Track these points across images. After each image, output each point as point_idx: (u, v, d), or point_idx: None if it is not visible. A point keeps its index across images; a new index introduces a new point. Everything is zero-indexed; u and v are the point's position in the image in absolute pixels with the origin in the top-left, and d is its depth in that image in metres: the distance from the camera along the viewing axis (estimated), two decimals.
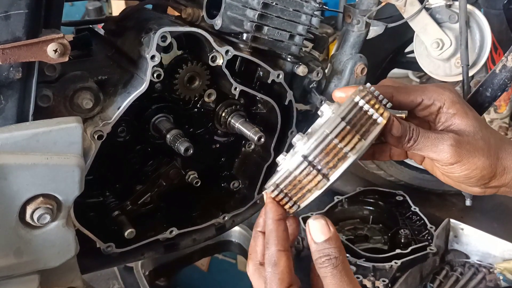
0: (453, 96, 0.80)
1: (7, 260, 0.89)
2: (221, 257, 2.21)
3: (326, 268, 0.64)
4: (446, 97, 0.79)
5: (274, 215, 0.71)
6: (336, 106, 0.72)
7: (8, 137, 0.82)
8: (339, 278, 0.64)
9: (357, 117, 0.69)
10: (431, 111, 0.81)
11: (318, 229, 0.65)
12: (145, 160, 1.22)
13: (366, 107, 0.70)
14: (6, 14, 0.76)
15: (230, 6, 1.07)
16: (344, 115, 0.68)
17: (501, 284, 1.78)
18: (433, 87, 0.81)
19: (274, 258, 0.69)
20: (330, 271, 0.64)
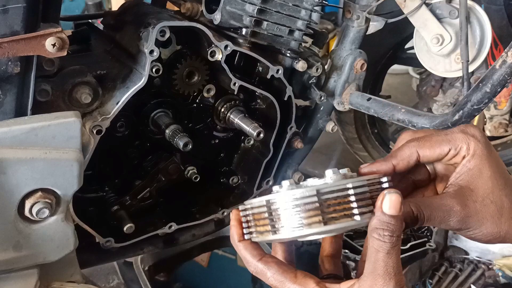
0: (476, 147, 0.72)
1: (7, 254, 0.89)
2: (220, 252, 2.22)
3: (384, 243, 0.62)
4: (471, 147, 0.72)
5: (235, 237, 0.72)
6: (336, 177, 0.68)
7: (6, 131, 0.82)
8: (392, 259, 0.62)
9: (335, 202, 0.64)
10: (456, 160, 0.74)
11: (392, 203, 0.62)
12: (144, 155, 1.22)
13: (352, 198, 0.64)
14: (4, 8, 0.76)
15: (229, 0, 1.07)
16: (322, 191, 0.64)
17: (500, 280, 1.78)
18: (460, 135, 0.73)
19: (257, 270, 0.71)
20: (387, 248, 0.62)
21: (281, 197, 0.65)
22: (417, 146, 0.74)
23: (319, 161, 2.76)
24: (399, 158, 0.74)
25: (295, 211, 0.63)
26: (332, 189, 0.64)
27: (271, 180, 1.37)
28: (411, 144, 0.75)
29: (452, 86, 2.23)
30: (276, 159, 1.33)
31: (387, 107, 1.24)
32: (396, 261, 0.62)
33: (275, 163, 1.34)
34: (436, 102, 2.27)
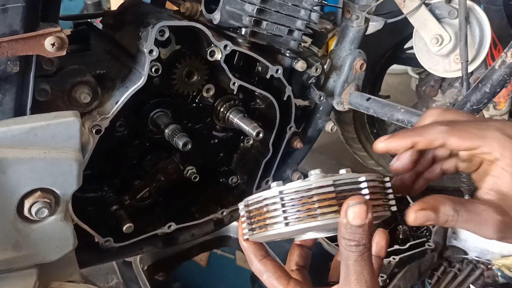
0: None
1: (6, 254, 0.89)
2: (220, 252, 2.22)
3: (351, 252, 0.62)
4: (507, 152, 0.66)
5: (240, 236, 0.72)
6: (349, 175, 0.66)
7: (5, 131, 0.82)
8: (361, 266, 0.62)
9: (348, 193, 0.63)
10: (481, 159, 0.70)
11: (356, 214, 0.60)
12: (143, 154, 1.22)
13: (365, 191, 0.64)
14: (4, 7, 0.76)
15: (228, 0, 1.07)
16: (337, 182, 0.63)
17: (499, 280, 1.79)
18: (496, 134, 0.67)
19: (256, 270, 0.72)
20: (354, 257, 0.62)
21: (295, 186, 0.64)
22: (446, 131, 0.68)
23: (319, 161, 2.76)
24: (421, 137, 0.69)
25: (311, 201, 0.63)
26: (345, 181, 0.64)
27: (271, 179, 1.37)
28: (440, 127, 0.68)
29: (451, 86, 2.23)
30: (275, 159, 1.33)
31: (386, 107, 1.24)
32: (367, 267, 0.62)
33: (274, 163, 1.34)
34: (436, 102, 2.27)
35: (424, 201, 0.65)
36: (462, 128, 0.68)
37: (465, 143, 0.67)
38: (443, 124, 0.69)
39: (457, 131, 0.67)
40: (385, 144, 0.70)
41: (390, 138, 0.70)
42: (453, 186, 2.30)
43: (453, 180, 2.24)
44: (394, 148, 0.70)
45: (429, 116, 0.74)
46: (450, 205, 0.64)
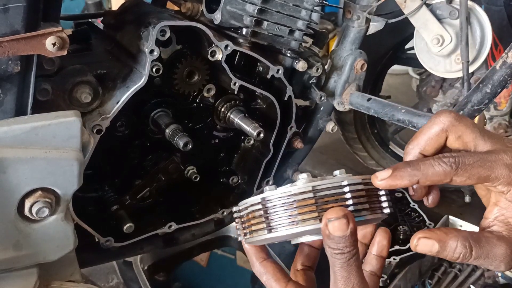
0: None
1: (6, 253, 0.89)
2: (220, 252, 2.22)
3: (337, 260, 0.62)
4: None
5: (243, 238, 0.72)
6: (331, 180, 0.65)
7: (6, 130, 0.82)
8: (348, 271, 0.62)
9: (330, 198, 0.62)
10: (486, 186, 0.68)
11: (335, 227, 0.60)
12: (144, 154, 1.22)
13: (348, 195, 0.63)
14: (5, 7, 0.76)
15: (229, 0, 1.07)
16: (318, 188, 0.62)
17: (499, 281, 1.78)
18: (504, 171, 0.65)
19: (256, 271, 0.74)
20: (340, 263, 0.62)
21: (278, 193, 0.64)
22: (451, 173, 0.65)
23: (319, 161, 2.76)
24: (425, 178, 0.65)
25: (292, 207, 0.63)
26: (326, 186, 0.63)
27: (271, 180, 1.37)
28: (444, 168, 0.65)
29: (452, 87, 2.23)
30: (276, 159, 1.33)
31: (387, 108, 1.24)
32: (355, 272, 0.62)
33: (275, 163, 1.34)
34: (436, 103, 2.27)
35: (431, 231, 0.63)
36: (469, 170, 0.65)
37: (471, 182, 0.66)
38: (448, 164, 0.65)
39: (464, 173, 0.65)
40: (387, 183, 0.67)
41: (391, 177, 0.66)
42: (453, 186, 2.30)
43: None
44: (396, 186, 0.67)
45: (438, 124, 0.69)
46: (462, 241, 0.62)
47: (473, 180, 0.65)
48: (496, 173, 0.65)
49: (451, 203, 2.26)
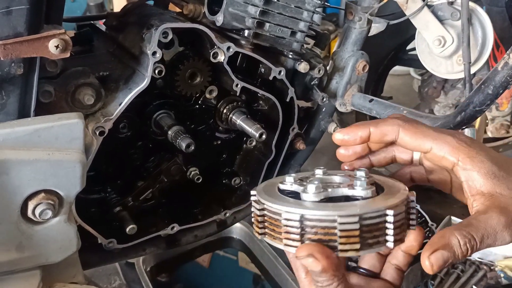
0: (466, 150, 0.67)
1: (9, 255, 0.89)
2: (222, 253, 2.22)
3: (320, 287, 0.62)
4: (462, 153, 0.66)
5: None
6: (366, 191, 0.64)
7: (10, 132, 0.82)
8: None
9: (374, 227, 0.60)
10: (442, 165, 0.70)
11: (312, 265, 0.60)
12: (146, 156, 1.22)
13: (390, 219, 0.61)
14: (8, 9, 0.76)
15: (231, 2, 1.07)
16: (365, 216, 0.60)
17: (502, 281, 1.78)
18: (448, 138, 0.68)
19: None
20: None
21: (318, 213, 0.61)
22: (401, 125, 0.70)
23: (321, 162, 2.76)
24: (375, 128, 0.71)
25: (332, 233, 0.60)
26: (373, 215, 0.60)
27: None
28: (397, 121, 0.71)
29: (453, 88, 2.23)
30: (278, 160, 1.33)
31: (389, 109, 1.24)
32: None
33: (277, 164, 1.34)
34: (438, 104, 2.28)
35: (431, 243, 0.63)
36: (417, 127, 0.70)
37: (416, 141, 0.69)
38: (401, 120, 0.71)
39: (411, 128, 0.69)
40: (342, 134, 0.73)
41: (346, 129, 0.73)
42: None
43: None
44: (349, 139, 0.73)
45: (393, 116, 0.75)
46: (459, 234, 0.62)
47: (417, 140, 0.68)
48: (441, 138, 0.68)
49: (453, 204, 2.25)
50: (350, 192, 0.66)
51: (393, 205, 0.62)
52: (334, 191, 0.66)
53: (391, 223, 0.61)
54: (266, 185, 0.73)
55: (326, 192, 0.65)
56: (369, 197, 0.64)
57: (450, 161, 0.68)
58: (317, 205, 0.63)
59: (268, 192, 0.69)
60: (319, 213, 0.61)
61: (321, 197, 0.64)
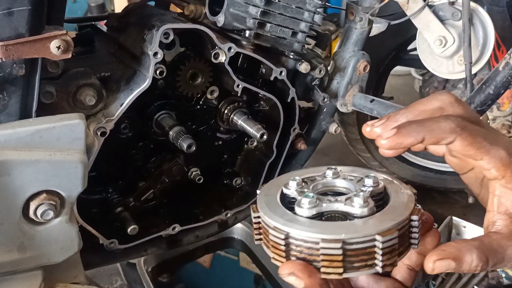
0: None
1: (11, 255, 0.89)
2: (223, 253, 2.22)
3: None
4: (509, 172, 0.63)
5: None
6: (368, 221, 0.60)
7: (11, 133, 0.82)
8: None
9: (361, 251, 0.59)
10: (473, 171, 0.68)
11: (292, 282, 0.59)
12: (147, 156, 1.22)
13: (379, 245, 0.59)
14: (9, 10, 0.77)
15: (232, 3, 1.07)
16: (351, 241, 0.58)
17: (503, 281, 1.78)
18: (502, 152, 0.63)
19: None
20: None
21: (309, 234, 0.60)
22: (459, 134, 0.62)
23: (322, 162, 2.76)
24: (431, 135, 0.63)
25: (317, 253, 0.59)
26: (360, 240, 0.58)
27: None
28: (454, 127, 0.63)
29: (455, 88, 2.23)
30: (279, 161, 1.33)
31: (390, 109, 1.24)
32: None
33: (278, 165, 1.34)
34: None
35: (443, 250, 0.61)
36: (473, 135, 0.63)
37: (470, 151, 0.64)
38: (455, 122, 0.63)
39: (468, 136, 0.63)
40: (390, 143, 0.64)
41: (396, 135, 0.64)
42: (457, 187, 2.30)
43: (457, 181, 2.23)
44: (399, 148, 0.64)
45: (439, 101, 0.68)
46: (477, 254, 0.60)
47: (472, 150, 0.63)
48: (495, 152, 0.63)
49: (454, 204, 2.25)
50: (346, 208, 0.63)
51: (385, 230, 0.59)
52: (329, 206, 0.64)
53: (381, 249, 0.59)
54: (271, 185, 0.72)
55: (320, 207, 0.63)
56: (365, 215, 0.62)
57: (494, 175, 0.64)
58: (306, 222, 0.61)
59: (269, 196, 0.68)
60: (303, 234, 0.60)
61: (313, 213, 0.63)
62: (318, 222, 0.62)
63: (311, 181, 0.71)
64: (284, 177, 0.73)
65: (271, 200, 0.67)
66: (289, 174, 0.73)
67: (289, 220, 0.62)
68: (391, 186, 0.68)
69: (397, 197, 0.66)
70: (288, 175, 0.73)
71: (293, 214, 0.63)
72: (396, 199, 0.66)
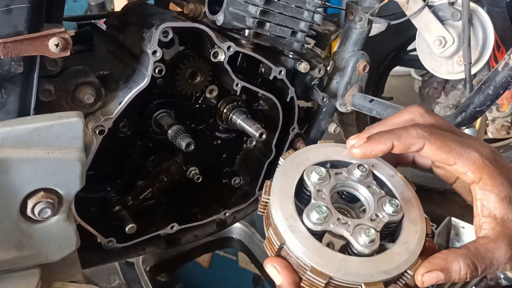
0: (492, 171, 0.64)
1: (9, 253, 0.89)
2: (222, 253, 2.22)
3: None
4: (485, 173, 0.64)
5: None
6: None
7: (9, 131, 0.82)
8: None
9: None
10: (460, 179, 0.69)
11: (272, 275, 0.62)
12: (146, 155, 1.22)
13: None
14: (8, 8, 0.76)
15: (232, 2, 1.07)
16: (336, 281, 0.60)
17: (502, 282, 1.78)
18: (474, 154, 0.65)
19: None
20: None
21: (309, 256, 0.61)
22: (427, 138, 0.65)
23: None
24: (399, 141, 0.66)
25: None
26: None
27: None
28: (419, 132, 0.66)
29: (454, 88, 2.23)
30: (278, 160, 1.32)
31: (389, 109, 1.24)
32: None
33: (277, 164, 1.33)
34: (439, 104, 2.28)
35: (430, 262, 0.62)
36: (443, 141, 0.65)
37: (441, 155, 0.65)
38: (423, 129, 0.66)
39: (437, 140, 0.65)
40: (362, 151, 0.67)
41: (366, 143, 0.67)
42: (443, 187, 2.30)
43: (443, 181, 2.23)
44: (371, 154, 0.67)
45: (409, 113, 0.72)
46: (463, 261, 0.61)
47: (442, 154, 0.64)
48: (466, 154, 0.64)
49: (453, 205, 2.25)
50: (350, 238, 0.63)
51: (373, 282, 0.60)
52: (335, 228, 0.63)
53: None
54: (294, 161, 0.70)
55: (326, 225, 0.63)
56: (365, 254, 0.62)
57: (471, 178, 0.66)
58: (306, 239, 0.62)
59: (286, 178, 0.67)
60: (298, 252, 0.61)
61: (318, 229, 0.63)
62: (317, 244, 0.62)
63: (335, 174, 0.69)
64: (312, 153, 0.71)
65: (287, 186, 0.66)
66: (317, 150, 0.71)
67: (291, 227, 0.62)
68: (410, 215, 0.67)
69: (408, 237, 0.65)
70: (316, 152, 0.71)
71: (298, 219, 0.63)
72: (405, 240, 0.65)
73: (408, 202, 0.69)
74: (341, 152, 0.73)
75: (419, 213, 0.69)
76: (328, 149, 0.73)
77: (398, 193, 0.70)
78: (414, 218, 0.68)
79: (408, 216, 0.68)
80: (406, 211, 0.68)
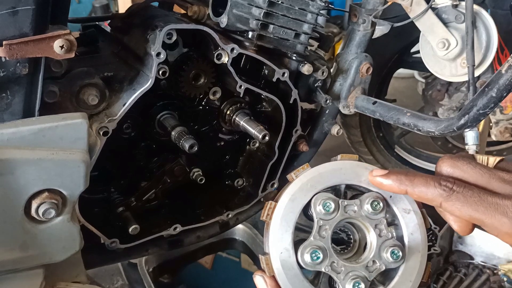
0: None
1: (13, 254, 0.90)
2: (225, 255, 2.22)
3: None
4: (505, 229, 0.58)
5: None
6: None
7: (14, 132, 0.83)
8: None
9: None
10: None
11: (258, 283, 0.65)
12: (150, 156, 1.22)
13: None
14: (14, 10, 0.77)
15: (236, 4, 1.07)
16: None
17: (505, 285, 1.78)
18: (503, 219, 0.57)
19: None
20: None
21: None
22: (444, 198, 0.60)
23: None
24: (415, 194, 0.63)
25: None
26: None
27: (276, 182, 1.37)
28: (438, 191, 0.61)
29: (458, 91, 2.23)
30: (281, 162, 1.33)
31: (392, 111, 1.24)
32: None
33: (280, 166, 1.34)
34: (442, 106, 2.27)
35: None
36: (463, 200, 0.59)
37: (462, 216, 0.60)
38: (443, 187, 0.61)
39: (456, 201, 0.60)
40: (377, 180, 0.66)
41: (384, 176, 0.65)
42: None
43: None
44: (384, 186, 0.66)
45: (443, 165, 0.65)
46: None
47: (464, 215, 0.59)
48: (492, 221, 0.57)
49: None
50: (339, 283, 0.64)
51: None
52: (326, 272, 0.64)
53: None
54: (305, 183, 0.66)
55: (319, 267, 0.64)
56: None
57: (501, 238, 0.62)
58: (295, 276, 0.63)
59: (291, 205, 0.65)
60: None
61: (309, 269, 0.64)
62: (305, 284, 0.63)
63: (344, 207, 0.66)
64: (328, 175, 0.67)
65: (290, 215, 0.65)
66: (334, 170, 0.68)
67: (283, 262, 0.63)
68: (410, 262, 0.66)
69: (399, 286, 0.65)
70: (332, 173, 0.68)
71: (293, 254, 0.64)
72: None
73: (413, 248, 0.67)
74: (360, 175, 0.68)
75: (420, 261, 0.67)
76: (348, 170, 0.68)
77: (408, 233, 0.67)
78: (413, 266, 0.66)
79: (407, 262, 0.66)
80: (408, 257, 0.66)
